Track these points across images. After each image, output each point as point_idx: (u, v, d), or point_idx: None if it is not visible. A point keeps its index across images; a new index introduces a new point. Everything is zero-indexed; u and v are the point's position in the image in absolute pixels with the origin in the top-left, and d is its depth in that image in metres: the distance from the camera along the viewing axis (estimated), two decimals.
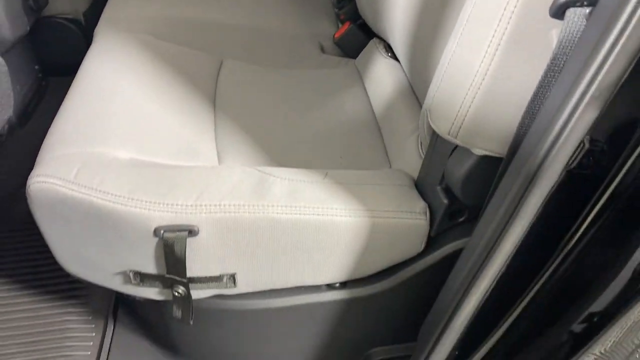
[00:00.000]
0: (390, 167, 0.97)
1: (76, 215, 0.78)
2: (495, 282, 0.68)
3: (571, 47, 0.58)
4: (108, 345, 1.06)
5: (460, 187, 0.77)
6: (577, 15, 0.58)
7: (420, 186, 0.88)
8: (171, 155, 0.88)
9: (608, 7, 0.52)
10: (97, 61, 1.05)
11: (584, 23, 0.56)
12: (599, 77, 0.53)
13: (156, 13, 1.29)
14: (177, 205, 0.75)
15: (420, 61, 0.92)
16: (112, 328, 1.09)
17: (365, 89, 1.18)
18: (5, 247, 1.26)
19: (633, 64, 0.52)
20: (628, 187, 0.58)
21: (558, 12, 0.59)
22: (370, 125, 1.08)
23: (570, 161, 0.59)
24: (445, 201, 0.81)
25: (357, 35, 1.30)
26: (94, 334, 1.08)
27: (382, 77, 1.14)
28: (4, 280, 1.18)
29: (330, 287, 0.88)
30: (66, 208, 0.78)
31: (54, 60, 1.57)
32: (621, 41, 0.51)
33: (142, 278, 0.82)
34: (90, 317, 1.11)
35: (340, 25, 1.37)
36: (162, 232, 0.75)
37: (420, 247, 0.86)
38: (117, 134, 0.88)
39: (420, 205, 0.84)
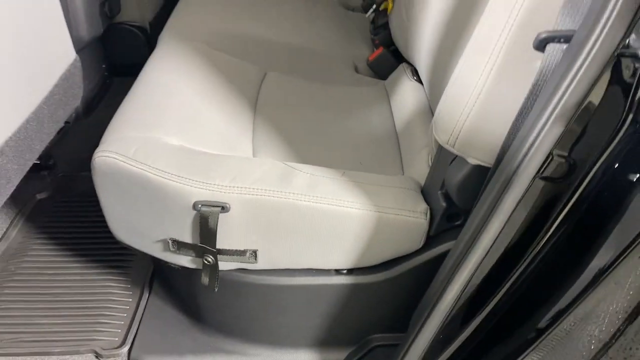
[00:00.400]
0: (403, 174, 1.10)
1: (131, 186, 0.94)
2: (473, 275, 0.80)
3: (549, 75, 0.70)
4: (142, 310, 1.21)
5: (456, 192, 0.89)
6: (555, 49, 0.70)
7: (425, 191, 1.00)
8: (213, 145, 1.03)
9: (576, 44, 0.64)
10: (159, 62, 1.23)
11: (560, 56, 0.69)
12: (564, 99, 0.65)
13: (213, 26, 1.47)
14: (214, 184, 0.90)
15: (437, 84, 1.05)
16: (147, 296, 1.24)
17: (390, 106, 1.32)
18: (63, 219, 1.44)
19: (591, 91, 0.64)
20: (590, 195, 0.69)
21: (540, 46, 0.71)
22: (390, 138, 1.21)
23: (541, 170, 0.70)
24: (444, 204, 0.93)
25: (389, 60, 1.44)
26: (130, 300, 1.23)
27: (406, 97, 1.27)
28: (61, 247, 1.35)
29: (338, 272, 1.01)
30: (124, 180, 0.93)
31: (119, 61, 1.77)
32: (581, 71, 0.63)
33: (179, 246, 0.97)
34: (129, 285, 1.26)
35: (374, 49, 1.51)
36: (199, 206, 0.90)
37: (420, 243, 0.97)
38: (171, 124, 1.04)
39: (423, 206, 0.96)
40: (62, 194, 1.53)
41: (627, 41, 0.62)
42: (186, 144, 1.01)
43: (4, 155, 1.08)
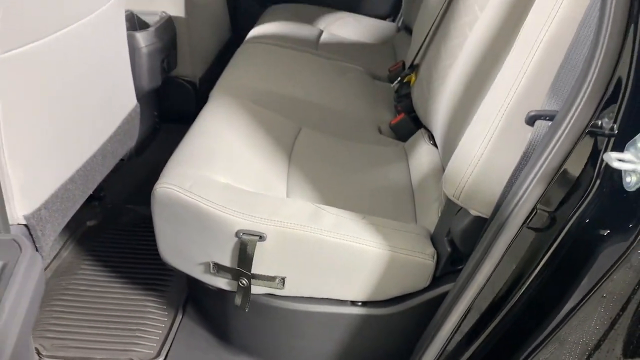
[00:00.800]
0: (416, 223, 1.26)
1: (185, 214, 1.11)
2: (468, 309, 0.94)
3: (536, 145, 0.87)
4: (176, 328, 1.35)
5: (459, 238, 1.04)
6: (542, 125, 0.88)
7: (433, 238, 1.16)
8: (254, 185, 1.20)
9: (557, 122, 0.82)
10: (211, 114, 1.43)
11: (545, 130, 0.86)
12: (546, 164, 0.81)
13: (256, 86, 1.68)
14: (254, 216, 1.07)
15: (448, 147, 1.23)
16: (181, 316, 1.39)
17: (408, 165, 1.49)
18: (109, 245, 1.61)
19: (567, 159, 0.81)
20: (566, 243, 0.84)
21: (530, 122, 0.89)
22: (406, 191, 1.37)
23: (527, 221, 0.86)
24: (449, 249, 1.08)
25: (409, 125, 1.63)
26: (166, 319, 1.38)
27: (422, 158, 1.45)
28: (106, 268, 1.52)
29: (353, 303, 1.15)
30: (179, 208, 1.11)
31: (169, 109, 2.00)
32: (559, 142, 0.80)
33: (219, 269, 1.13)
34: (165, 306, 1.41)
35: (397, 114, 1.71)
36: (241, 234, 1.07)
37: (427, 282, 1.12)
38: (220, 165, 1.22)
39: (431, 250, 1.11)
40: (109, 223, 1.71)
41: (599, 122, 0.79)
42: (231, 182, 1.19)
43: (74, 182, 1.27)
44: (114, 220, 1.72)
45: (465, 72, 1.24)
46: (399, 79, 1.79)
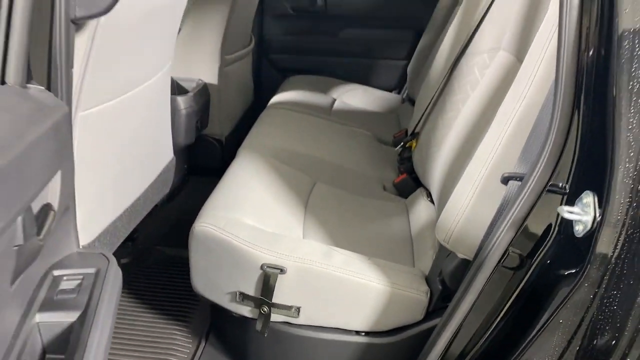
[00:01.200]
0: (414, 266, 1.46)
1: (218, 249, 1.32)
2: (453, 337, 1.13)
3: (509, 200, 1.09)
4: (200, 355, 1.53)
5: (448, 278, 1.24)
6: (514, 184, 1.10)
7: (428, 278, 1.36)
8: (275, 227, 1.42)
9: (524, 182, 1.04)
10: (239, 167, 1.67)
11: (516, 189, 1.08)
12: (514, 214, 1.03)
13: (278, 145, 1.93)
14: (277, 252, 1.28)
15: (442, 202, 1.45)
16: (204, 344, 1.56)
17: (408, 218, 1.71)
18: (140, 281, 1.81)
19: (531, 211, 1.02)
20: (534, 277, 1.04)
21: (504, 181, 1.11)
22: (406, 240, 1.58)
23: (501, 261, 1.07)
24: (440, 287, 1.28)
25: (410, 184, 1.86)
26: (190, 345, 1.56)
27: (421, 212, 1.67)
28: (137, 301, 1.71)
29: (357, 333, 1.34)
30: (214, 244, 1.32)
31: (197, 163, 2.24)
32: (525, 198, 1.02)
33: (244, 298, 1.32)
34: (189, 335, 1.59)
35: (399, 174, 1.94)
36: (265, 267, 1.27)
37: (421, 316, 1.31)
38: (247, 209, 1.44)
39: (425, 288, 1.31)
40: (141, 262, 1.91)
41: (555, 183, 1.01)
42: (257, 224, 1.40)
43: (121, 220, 1.49)
44: (144, 260, 1.92)
45: (457, 140, 1.48)
46: (402, 144, 2.04)
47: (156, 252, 1.95)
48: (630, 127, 0.86)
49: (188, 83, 2.04)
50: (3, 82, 0.77)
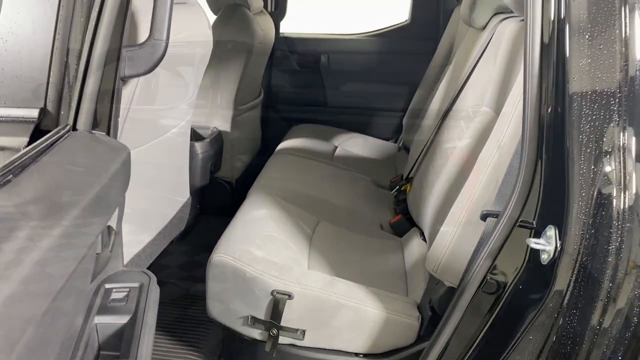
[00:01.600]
0: (407, 296, 1.62)
1: (233, 277, 1.49)
2: (442, 353, 1.29)
3: (487, 234, 1.27)
4: None
5: (437, 305, 1.41)
6: (491, 220, 1.28)
7: (420, 306, 1.52)
8: (283, 259, 1.59)
9: (499, 218, 1.22)
10: (250, 206, 1.85)
11: (493, 224, 1.26)
12: (490, 246, 1.21)
13: (285, 187, 2.12)
14: (286, 279, 1.45)
15: (432, 239, 1.63)
16: None
17: (403, 255, 1.88)
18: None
19: (505, 243, 1.20)
20: (509, 300, 1.21)
21: (483, 218, 1.30)
22: (401, 274, 1.75)
23: (481, 287, 1.24)
24: (430, 313, 1.44)
25: (405, 224, 2.04)
26: None
27: (414, 249, 1.84)
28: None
29: (357, 355, 1.49)
30: (229, 272, 1.49)
31: (209, 203, 2.43)
32: (499, 232, 1.20)
33: (255, 321, 1.48)
34: (203, 356, 1.74)
35: (395, 215, 2.12)
36: (275, 292, 1.43)
37: (413, 339, 1.46)
38: (258, 243, 1.62)
39: (416, 314, 1.47)
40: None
41: (524, 218, 1.20)
42: (267, 256, 1.57)
43: (144, 252, 1.66)
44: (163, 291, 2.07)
45: (446, 183, 1.68)
46: (398, 187, 2.23)
47: (170, 284, 2.11)
48: (581, 172, 1.05)
49: (204, 130, 2.25)
50: (75, 129, 0.96)
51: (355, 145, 2.91)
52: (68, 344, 0.78)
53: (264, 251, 1.59)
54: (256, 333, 1.50)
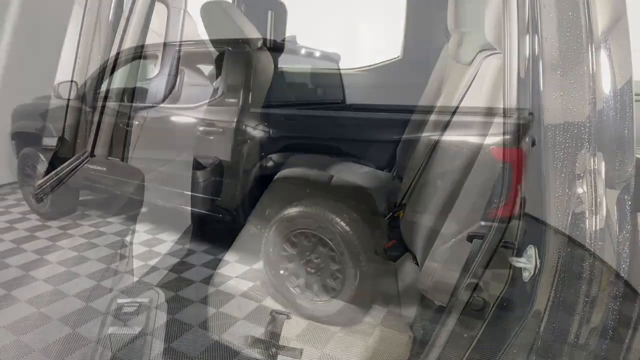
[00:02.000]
0: (401, 317, 1.68)
1: (234, 299, 1.55)
2: None
3: (474, 254, 1.36)
4: None
5: (428, 323, 1.48)
6: (477, 242, 1.37)
7: (411, 325, 1.58)
8: (283, 280, 1.65)
9: (484, 239, 1.31)
10: (249, 232, 1.93)
11: (479, 245, 1.35)
12: (476, 266, 1.29)
13: (283, 214, 2.20)
14: (284, 301, 1.51)
15: (423, 262, 1.71)
16: None
17: (397, 278, 1.95)
18: None
19: (489, 264, 1.29)
20: (495, 314, 1.28)
21: (469, 239, 1.38)
22: (394, 296, 1.82)
23: (468, 304, 1.32)
24: (422, 331, 1.51)
25: (398, 248, 2.12)
26: None
27: (407, 273, 1.92)
28: None
29: None
30: (231, 293, 1.56)
31: (209, 229, 2.50)
32: (483, 252, 1.28)
33: (254, 341, 1.54)
34: None
35: (389, 241, 2.20)
36: (273, 313, 1.50)
37: (407, 356, 1.52)
38: (258, 266, 1.69)
39: (409, 333, 1.54)
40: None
41: (507, 240, 1.28)
42: (267, 279, 1.65)
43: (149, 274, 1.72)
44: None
45: (436, 209, 1.77)
46: (391, 214, 2.32)
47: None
48: (556, 194, 1.15)
49: (205, 160, 2.34)
50: (92, 155, 1.06)
51: (350, 174, 3.00)
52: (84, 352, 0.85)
53: (264, 274, 1.66)
54: (256, 352, 1.56)
